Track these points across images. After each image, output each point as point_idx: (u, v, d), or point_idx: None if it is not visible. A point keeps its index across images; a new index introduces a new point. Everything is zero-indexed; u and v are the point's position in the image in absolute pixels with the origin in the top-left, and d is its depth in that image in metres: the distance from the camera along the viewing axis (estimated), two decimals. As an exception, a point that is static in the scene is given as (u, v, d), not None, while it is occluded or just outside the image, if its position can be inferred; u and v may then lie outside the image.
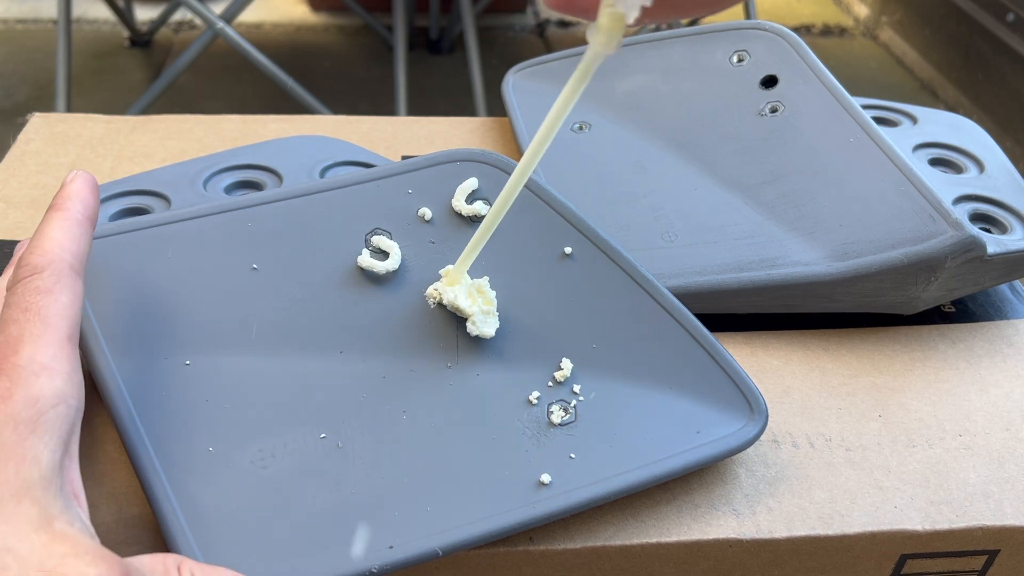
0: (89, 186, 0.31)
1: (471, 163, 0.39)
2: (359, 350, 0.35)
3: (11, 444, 0.24)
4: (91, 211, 0.31)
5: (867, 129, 0.43)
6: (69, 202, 0.31)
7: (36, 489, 0.24)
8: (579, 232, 0.38)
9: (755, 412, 0.35)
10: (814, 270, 0.40)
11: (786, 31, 0.48)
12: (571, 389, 0.35)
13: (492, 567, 0.33)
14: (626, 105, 0.50)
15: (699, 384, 0.35)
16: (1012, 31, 1.56)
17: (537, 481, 0.32)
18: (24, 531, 0.23)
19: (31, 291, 0.27)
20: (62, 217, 0.30)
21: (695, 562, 0.34)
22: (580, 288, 0.37)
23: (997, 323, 0.44)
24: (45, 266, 0.28)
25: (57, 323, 0.27)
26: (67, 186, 0.31)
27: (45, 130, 0.53)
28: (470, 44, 1.40)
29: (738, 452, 0.34)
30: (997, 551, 0.35)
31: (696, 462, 0.33)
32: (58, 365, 0.26)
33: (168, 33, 1.78)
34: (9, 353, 0.26)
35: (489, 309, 0.36)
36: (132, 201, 0.43)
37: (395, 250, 0.37)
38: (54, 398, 0.25)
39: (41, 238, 0.29)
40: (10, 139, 0.52)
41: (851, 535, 0.34)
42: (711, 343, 0.36)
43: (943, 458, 0.37)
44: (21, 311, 0.27)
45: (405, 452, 0.33)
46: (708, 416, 0.35)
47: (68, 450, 0.26)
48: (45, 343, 0.26)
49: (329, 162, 0.46)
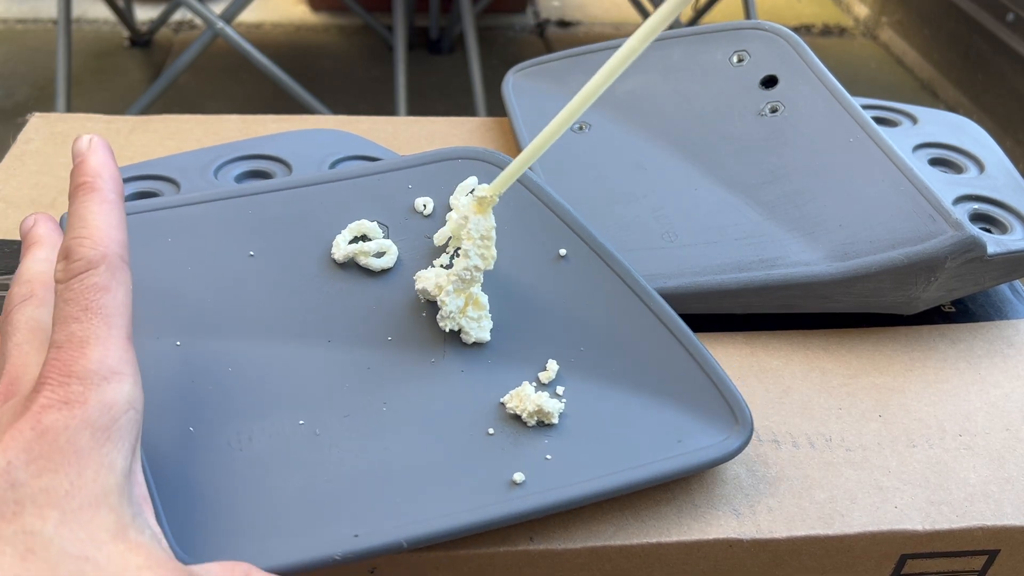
0: (111, 156, 0.30)
1: (473, 161, 0.39)
2: (346, 340, 0.35)
3: (89, 450, 0.24)
4: (121, 187, 0.29)
5: (867, 129, 0.43)
6: (100, 181, 0.29)
7: (112, 496, 0.24)
8: (575, 234, 0.38)
9: (740, 424, 0.34)
10: (814, 270, 0.40)
11: (786, 31, 0.48)
12: (555, 391, 0.35)
13: (492, 566, 0.33)
14: (626, 105, 0.50)
15: (684, 392, 0.35)
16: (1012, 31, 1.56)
17: (510, 480, 0.32)
18: (102, 539, 0.23)
19: (89, 288, 0.26)
20: (100, 199, 0.28)
21: (695, 562, 0.34)
22: (572, 290, 0.37)
23: (997, 323, 0.44)
24: (99, 260, 0.27)
25: (119, 323, 0.26)
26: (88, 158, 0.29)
27: (45, 130, 0.53)
28: (470, 44, 1.40)
29: (719, 463, 0.34)
30: (997, 551, 0.35)
31: (675, 471, 0.33)
32: (126, 369, 0.26)
33: (168, 33, 1.78)
34: (78, 356, 0.25)
35: (481, 314, 0.36)
36: (144, 185, 0.44)
37: (392, 248, 0.37)
38: (126, 404, 0.25)
39: (87, 226, 0.27)
40: (10, 139, 0.52)
41: (851, 535, 0.34)
42: (700, 352, 0.35)
43: (943, 458, 0.37)
44: (82, 310, 0.26)
45: (380, 443, 0.33)
46: (691, 425, 0.34)
47: (136, 455, 0.26)
48: (112, 346, 0.25)
49: (340, 155, 0.46)
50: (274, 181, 0.39)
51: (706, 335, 0.42)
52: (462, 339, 0.36)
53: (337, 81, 1.65)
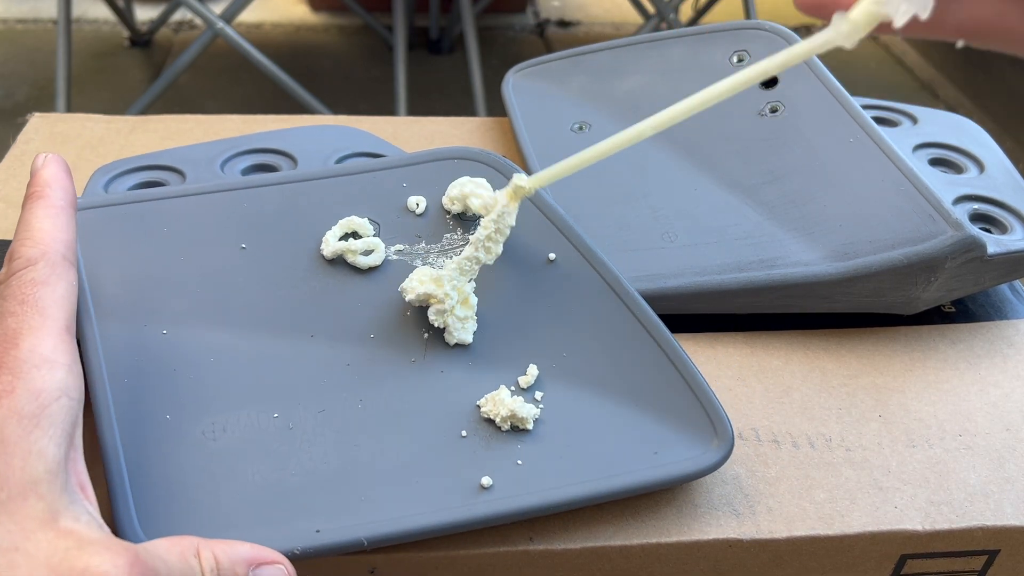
0: (64, 169, 0.31)
1: (468, 161, 0.39)
2: (329, 336, 0.36)
3: (15, 439, 0.24)
4: (71, 196, 0.30)
5: (867, 129, 0.43)
6: (48, 189, 0.30)
7: (42, 485, 0.24)
8: (566, 239, 0.38)
9: (719, 439, 0.33)
10: (814, 270, 0.40)
11: (786, 31, 0.48)
12: (533, 396, 0.35)
13: (491, 567, 0.33)
14: (626, 105, 0.50)
15: (665, 404, 0.34)
16: (1012, 31, 1.56)
17: (478, 484, 0.32)
18: (30, 528, 0.23)
19: (27, 283, 0.27)
20: (45, 205, 0.29)
21: (695, 562, 0.34)
22: (559, 296, 0.37)
23: (997, 323, 0.44)
24: (39, 257, 0.27)
25: (55, 314, 0.27)
26: (41, 171, 0.31)
27: (45, 130, 0.53)
28: (470, 44, 1.40)
29: (695, 478, 0.33)
30: (997, 551, 0.35)
31: (649, 483, 0.32)
32: (59, 357, 0.26)
33: (168, 33, 1.77)
34: (9, 347, 0.25)
35: (467, 314, 0.36)
36: (152, 175, 0.45)
37: (379, 247, 0.38)
38: (56, 391, 0.25)
39: (30, 229, 0.28)
40: (10, 139, 0.52)
41: (851, 535, 0.34)
42: (685, 364, 0.35)
43: (943, 458, 0.37)
44: (18, 303, 0.26)
45: (352, 440, 0.33)
46: (669, 438, 0.33)
47: (72, 442, 0.26)
48: (45, 335, 0.26)
49: (347, 152, 0.47)
50: (270, 175, 0.40)
51: (706, 335, 0.42)
52: (444, 340, 0.36)
53: (337, 81, 1.65)
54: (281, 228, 0.38)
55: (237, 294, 0.36)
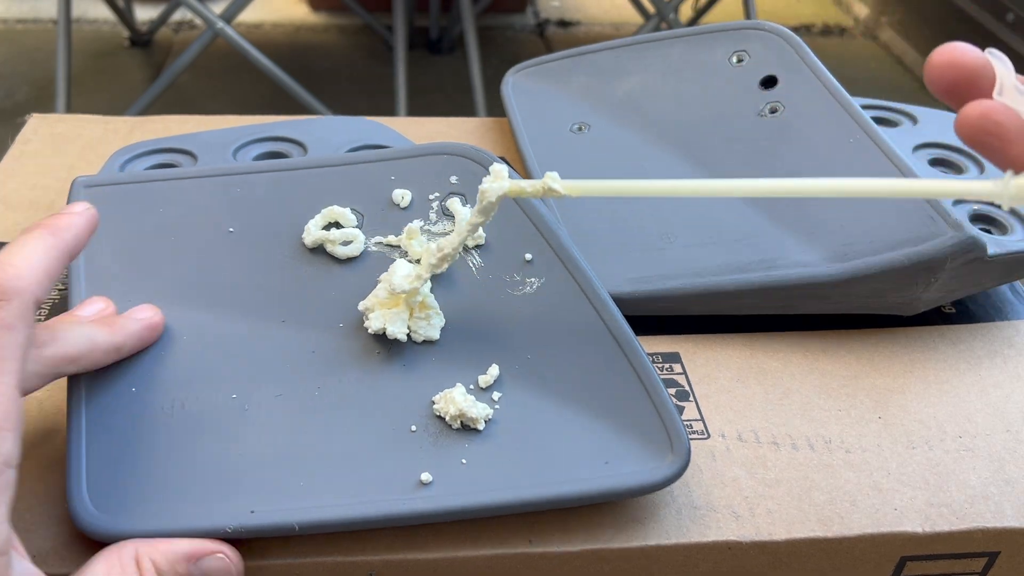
0: (91, 227, 0.30)
1: (457, 157, 0.40)
2: (299, 322, 0.36)
3: None
4: (79, 247, 0.30)
5: (867, 129, 0.43)
6: (67, 232, 0.29)
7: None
8: (543, 239, 0.37)
9: (675, 454, 0.32)
10: (814, 271, 0.40)
11: (786, 31, 0.48)
12: (491, 396, 0.34)
13: (490, 568, 0.33)
14: (626, 105, 0.50)
15: (623, 414, 0.33)
16: (1012, 31, 1.56)
17: (418, 480, 0.32)
18: None
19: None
20: (53, 244, 0.28)
21: (694, 564, 0.34)
22: (531, 298, 0.37)
23: (997, 324, 0.44)
24: (14, 295, 0.26)
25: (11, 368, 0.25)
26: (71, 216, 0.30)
27: (44, 131, 0.53)
28: (470, 44, 1.40)
29: (645, 492, 0.32)
30: (997, 553, 0.35)
31: (594, 493, 0.32)
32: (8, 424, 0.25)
33: (168, 33, 1.77)
34: None
35: (427, 314, 0.36)
36: (167, 158, 0.46)
37: (359, 238, 0.38)
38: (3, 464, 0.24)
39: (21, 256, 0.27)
40: (9, 140, 0.52)
41: (851, 537, 0.34)
42: (648, 375, 0.34)
43: (943, 460, 0.37)
44: None
45: (301, 426, 0.33)
46: (622, 448, 0.33)
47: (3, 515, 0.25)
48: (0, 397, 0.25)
49: (359, 143, 0.47)
50: (263, 163, 0.41)
51: (705, 336, 0.42)
52: (411, 336, 0.36)
53: (337, 81, 1.65)
54: (268, 215, 0.39)
55: (218, 275, 0.37)
